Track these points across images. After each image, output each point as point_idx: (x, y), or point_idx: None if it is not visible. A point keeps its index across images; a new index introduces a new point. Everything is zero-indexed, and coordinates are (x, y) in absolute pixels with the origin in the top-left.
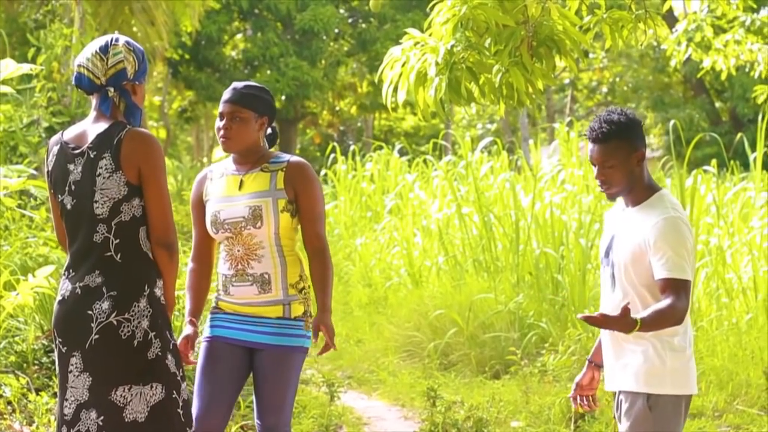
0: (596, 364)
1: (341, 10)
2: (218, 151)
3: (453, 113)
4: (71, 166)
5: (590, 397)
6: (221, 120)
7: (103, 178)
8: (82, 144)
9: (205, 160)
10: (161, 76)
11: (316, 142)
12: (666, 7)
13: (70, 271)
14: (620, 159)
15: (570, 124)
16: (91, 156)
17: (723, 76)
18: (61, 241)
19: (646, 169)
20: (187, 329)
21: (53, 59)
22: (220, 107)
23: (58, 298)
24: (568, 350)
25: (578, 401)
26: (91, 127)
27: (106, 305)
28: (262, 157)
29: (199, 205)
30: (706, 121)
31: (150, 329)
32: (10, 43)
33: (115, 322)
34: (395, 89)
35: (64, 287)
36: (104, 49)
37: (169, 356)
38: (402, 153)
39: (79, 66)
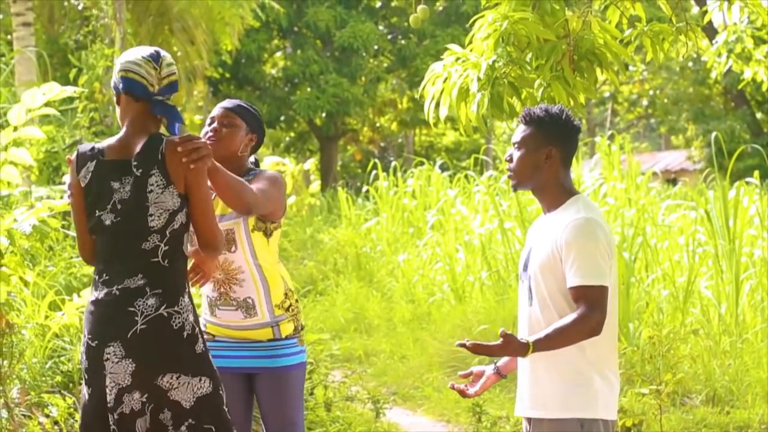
0: (500, 372)
1: (380, 27)
2: None
3: (494, 128)
4: (116, 185)
5: (466, 387)
6: (210, 124)
7: (156, 194)
8: (126, 158)
9: None
10: (202, 95)
11: (357, 158)
12: (707, 19)
13: (104, 275)
14: (529, 147)
15: (611, 138)
16: (138, 174)
17: (764, 87)
18: (86, 256)
19: (562, 173)
20: None
21: (95, 80)
22: (213, 112)
23: (91, 299)
24: None
25: (456, 385)
26: (130, 140)
27: (152, 301)
28: (240, 175)
29: None
30: (747, 132)
31: (196, 324)
32: (51, 64)
33: (165, 314)
34: (437, 105)
35: (98, 291)
36: (156, 59)
37: (210, 354)
38: (443, 168)
39: (127, 71)
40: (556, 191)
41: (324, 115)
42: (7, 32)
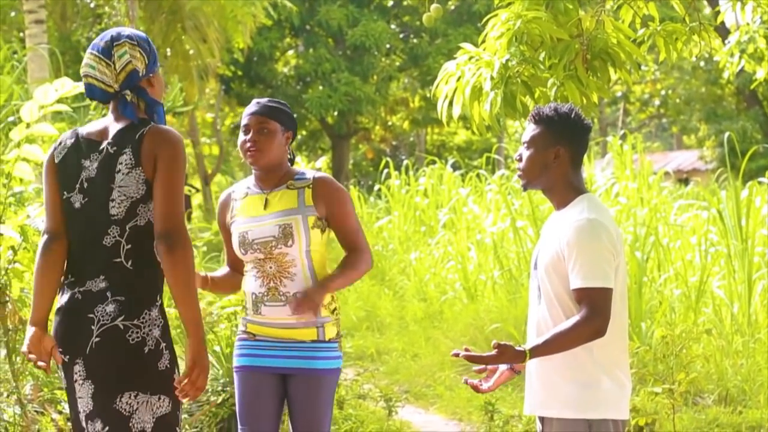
0: (513, 369)
1: (392, 26)
2: None
3: (506, 127)
4: (86, 162)
5: (480, 383)
6: (247, 133)
7: (122, 174)
8: (102, 140)
9: None
10: (214, 93)
11: (369, 157)
12: (720, 19)
13: (69, 276)
14: (538, 147)
15: (623, 137)
16: (111, 151)
17: None
18: (57, 231)
19: (571, 172)
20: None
21: None
22: (245, 120)
23: (57, 307)
24: None
25: (470, 381)
26: (112, 124)
27: (110, 308)
28: (286, 174)
29: (225, 228)
30: (759, 132)
31: (162, 339)
32: (63, 62)
33: (121, 326)
34: (450, 104)
35: (63, 296)
36: (107, 53)
37: (177, 372)
38: (455, 167)
39: (85, 76)
40: (564, 190)
41: (336, 113)
42: (19, 29)
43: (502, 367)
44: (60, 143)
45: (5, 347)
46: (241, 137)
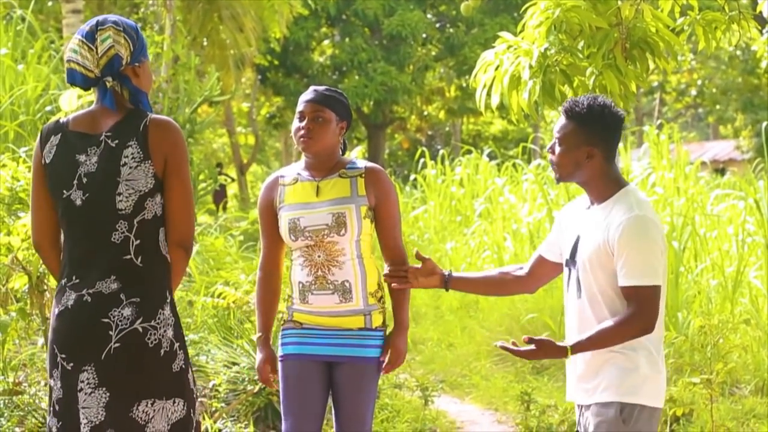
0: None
1: (429, 15)
2: None
3: (544, 116)
4: (81, 157)
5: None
6: (301, 120)
7: (130, 167)
8: (95, 132)
9: None
10: (250, 83)
11: (405, 146)
12: (759, 9)
13: (73, 278)
14: (569, 144)
15: (660, 127)
16: (112, 144)
17: None
18: (41, 244)
19: (606, 167)
20: (263, 351)
21: None
22: (300, 107)
23: (58, 309)
24: None
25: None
26: (102, 116)
27: (128, 311)
28: (338, 163)
29: (270, 212)
30: None
31: (175, 339)
32: None
33: (140, 329)
34: (489, 93)
35: (67, 297)
36: (90, 37)
37: (190, 371)
38: (491, 157)
39: (68, 61)
40: (602, 184)
41: (372, 103)
42: (57, 19)
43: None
44: (46, 141)
45: (43, 336)
46: (296, 123)
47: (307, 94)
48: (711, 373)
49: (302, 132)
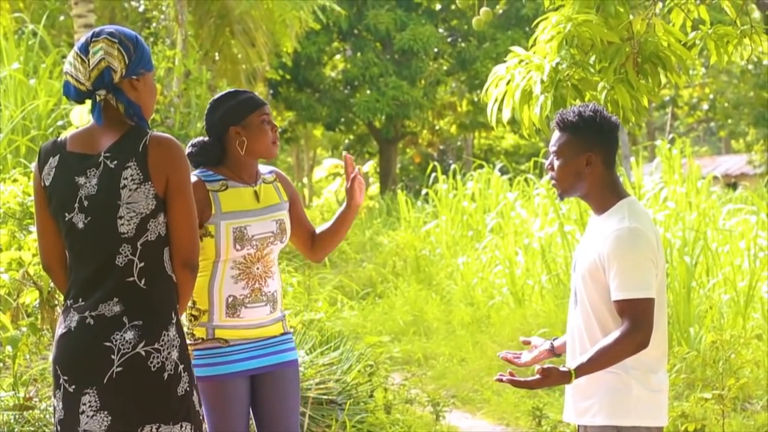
0: (554, 350)
1: (440, 30)
2: (318, 171)
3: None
4: (81, 179)
5: (515, 356)
6: (269, 124)
7: (130, 190)
8: (93, 152)
9: (305, 180)
10: (262, 97)
11: (416, 161)
12: None
13: (78, 299)
14: (567, 156)
15: (672, 141)
16: (111, 165)
17: None
18: (50, 266)
19: (606, 175)
20: None
21: (156, 81)
22: (267, 110)
23: (61, 331)
24: (673, 369)
25: (503, 354)
26: (100, 133)
27: (130, 335)
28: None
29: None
30: None
31: (180, 361)
32: None
33: (143, 353)
34: (500, 107)
35: (70, 318)
36: (84, 49)
37: (195, 393)
38: (503, 172)
39: (64, 74)
40: (602, 195)
41: (383, 117)
42: (68, 34)
43: (545, 346)
44: (45, 163)
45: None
46: (265, 127)
47: (260, 99)
48: (723, 389)
49: (274, 139)
